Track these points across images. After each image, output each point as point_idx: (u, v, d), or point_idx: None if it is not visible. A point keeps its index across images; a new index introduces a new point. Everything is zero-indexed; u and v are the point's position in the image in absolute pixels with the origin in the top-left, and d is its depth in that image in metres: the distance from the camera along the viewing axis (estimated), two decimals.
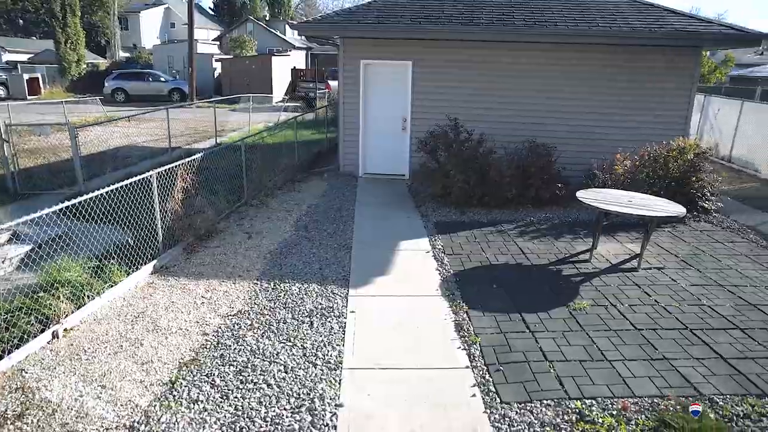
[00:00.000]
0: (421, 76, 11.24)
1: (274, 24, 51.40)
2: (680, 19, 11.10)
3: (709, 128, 17.01)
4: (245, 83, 31.70)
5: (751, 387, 4.68)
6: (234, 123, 20.61)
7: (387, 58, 11.26)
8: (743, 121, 15.08)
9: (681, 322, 5.72)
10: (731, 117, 15.64)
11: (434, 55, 11.14)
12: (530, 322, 5.60)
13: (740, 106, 15.36)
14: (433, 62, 11.18)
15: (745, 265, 7.44)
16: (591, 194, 7.41)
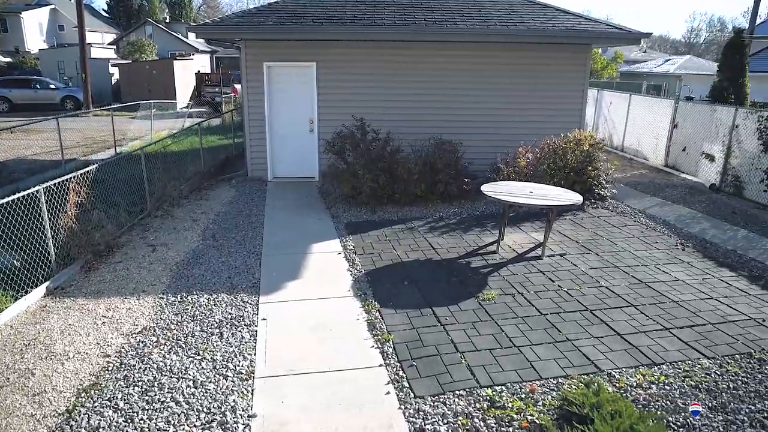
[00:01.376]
0: (326, 77, 11.20)
1: (175, 27, 49.50)
2: (571, 19, 11.72)
3: (603, 120, 18.10)
4: (146, 89, 30.29)
5: (643, 358, 5.01)
6: (135, 131, 19.64)
7: (290, 59, 11.12)
8: (632, 112, 16.18)
9: (582, 304, 6.04)
10: (622, 109, 16.73)
11: (338, 55, 11.12)
12: (441, 316, 5.71)
13: (629, 99, 16.45)
14: (337, 63, 11.16)
15: (637, 246, 7.97)
16: (495, 187, 7.66)
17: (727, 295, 6.44)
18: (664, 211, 9.94)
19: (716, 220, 9.60)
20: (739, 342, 5.40)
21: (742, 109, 11.82)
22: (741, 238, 8.68)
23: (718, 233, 8.84)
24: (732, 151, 11.76)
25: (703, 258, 7.67)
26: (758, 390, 4.66)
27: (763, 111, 11.31)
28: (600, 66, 39.33)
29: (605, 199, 10.01)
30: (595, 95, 18.54)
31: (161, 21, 53.92)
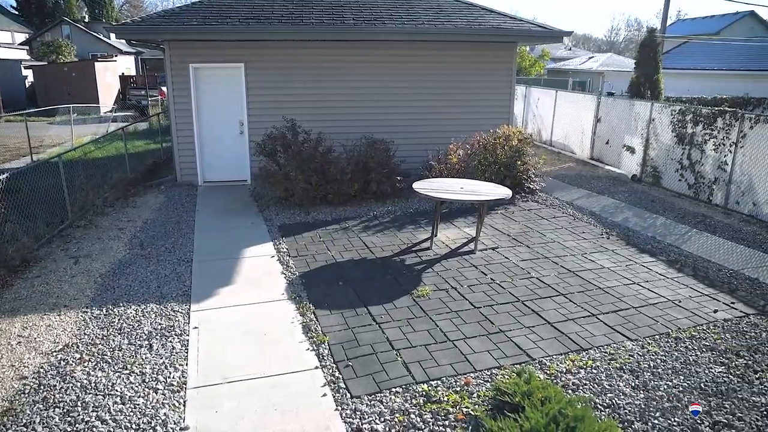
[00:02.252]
0: (256, 78, 11.00)
1: (96, 27, 47.30)
2: (497, 18, 12.01)
3: (532, 116, 18.65)
4: (65, 93, 28.82)
5: (572, 345, 5.20)
6: (54, 137, 18.68)
7: (217, 60, 10.86)
8: (558, 108, 16.76)
9: (514, 296, 6.19)
10: (549, 105, 17.29)
11: (267, 56, 10.96)
12: (376, 314, 5.71)
13: (555, 96, 17.03)
14: (266, 63, 10.99)
15: (565, 236, 8.26)
16: (427, 185, 7.74)
17: (648, 280, 6.78)
18: (590, 202, 10.35)
19: (637, 209, 10.09)
20: (659, 323, 5.69)
21: (657, 104, 12.46)
22: (660, 225, 9.16)
23: (639, 221, 9.29)
24: (650, 143, 12.37)
25: (626, 245, 8.04)
26: (674, 366, 4.92)
27: (675, 105, 11.97)
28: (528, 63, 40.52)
29: (535, 192, 10.32)
30: (524, 92, 19.09)
31: (80, 20, 51.31)
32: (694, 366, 4.97)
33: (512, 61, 12.16)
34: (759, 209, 9.74)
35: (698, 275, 7.04)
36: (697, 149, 11.00)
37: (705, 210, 10.28)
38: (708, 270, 7.26)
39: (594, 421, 3.68)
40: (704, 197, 10.88)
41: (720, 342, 5.40)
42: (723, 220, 9.69)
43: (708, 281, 6.86)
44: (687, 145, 11.25)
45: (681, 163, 11.43)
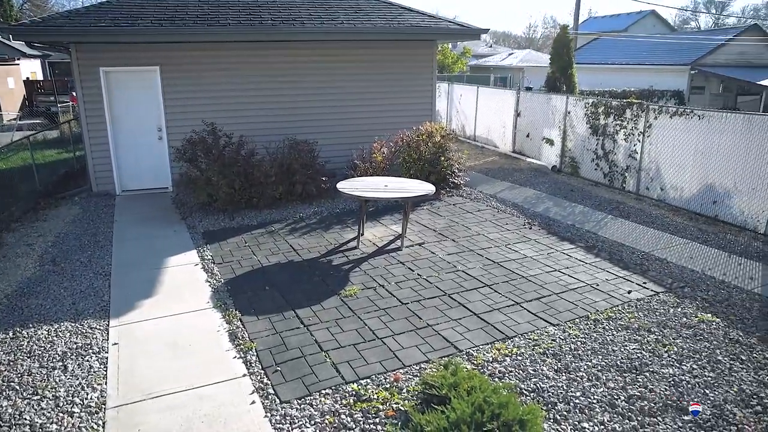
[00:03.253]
0: (172, 82, 10.63)
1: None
2: (416, 16, 12.15)
3: (455, 112, 19.03)
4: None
5: (497, 334, 5.33)
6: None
7: (131, 64, 10.40)
8: (480, 103, 17.17)
9: (441, 290, 6.29)
10: (471, 101, 17.69)
11: (183, 58, 10.61)
12: (304, 317, 5.65)
13: (476, 92, 17.45)
14: (183, 66, 10.64)
15: (490, 229, 8.47)
16: (351, 184, 7.74)
17: (568, 266, 7.06)
18: (513, 194, 10.68)
19: (558, 198, 10.49)
20: (579, 307, 5.93)
21: (572, 97, 13.00)
22: (578, 213, 9.56)
23: (559, 210, 9.67)
24: (567, 135, 12.90)
25: (548, 234, 8.34)
26: (593, 347, 5.15)
27: (588, 98, 12.53)
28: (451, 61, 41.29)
29: (459, 186, 10.53)
30: (447, 88, 19.44)
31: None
32: (611, 345, 5.21)
33: (432, 59, 12.35)
34: (666, 194, 10.36)
35: (614, 259, 7.40)
36: (610, 139, 11.57)
37: (619, 197, 10.82)
38: (622, 253, 7.64)
39: (518, 407, 3.78)
40: (618, 185, 11.45)
41: (634, 321, 5.69)
42: (635, 205, 10.24)
43: (622, 264, 7.23)
44: (601, 136, 11.80)
45: (596, 153, 11.98)
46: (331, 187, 9.67)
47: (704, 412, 4.28)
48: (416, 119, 11.49)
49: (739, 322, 5.76)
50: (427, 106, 12.30)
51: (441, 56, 39.65)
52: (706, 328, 5.61)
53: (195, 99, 10.69)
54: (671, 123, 10.15)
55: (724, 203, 9.28)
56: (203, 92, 10.76)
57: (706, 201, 9.59)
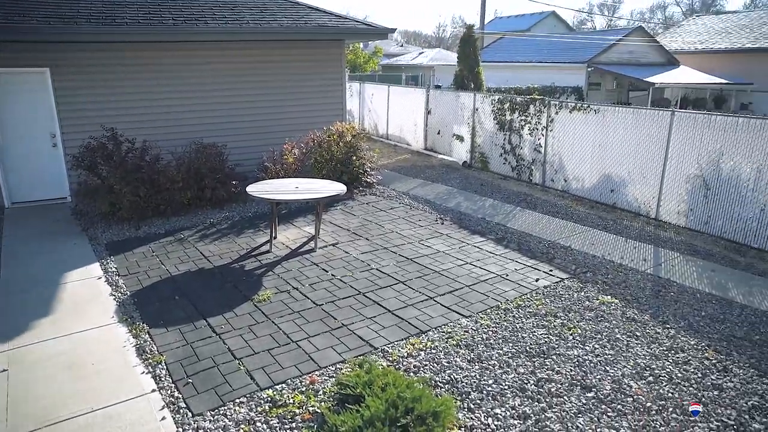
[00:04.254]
0: (66, 85, 9.97)
1: None
2: (322, 16, 12.10)
3: (368, 111, 19.14)
4: None
5: (412, 329, 5.41)
6: None
7: (15, 65, 9.65)
8: (392, 102, 17.36)
9: (355, 289, 6.29)
10: (383, 100, 17.85)
11: (78, 59, 9.97)
12: (216, 325, 5.48)
13: (387, 91, 17.62)
14: (78, 68, 10.00)
15: (403, 226, 8.58)
16: (261, 187, 7.59)
17: (479, 259, 7.28)
18: (426, 191, 10.88)
19: (468, 193, 10.79)
20: (490, 297, 6.13)
21: (480, 95, 13.42)
22: (488, 206, 9.89)
23: (470, 205, 9.95)
24: (476, 132, 13.30)
25: (459, 228, 8.56)
26: (504, 336, 5.34)
27: (494, 95, 12.97)
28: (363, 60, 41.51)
29: (372, 185, 10.60)
30: (359, 88, 19.51)
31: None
32: (520, 332, 5.42)
33: (341, 59, 12.35)
34: (569, 185, 10.92)
35: (522, 249, 7.71)
36: (516, 134, 12.03)
37: (527, 189, 11.29)
38: (530, 243, 7.97)
39: (431, 399, 3.85)
40: (525, 177, 11.94)
41: (541, 307, 5.95)
42: (541, 196, 10.72)
43: (530, 253, 7.54)
44: (507, 131, 12.26)
45: (504, 148, 12.43)
46: (242, 191, 9.43)
47: (604, 387, 4.55)
48: (327, 119, 11.46)
49: (634, 302, 6.17)
50: (338, 106, 12.28)
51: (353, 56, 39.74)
52: (606, 309, 5.97)
53: (93, 103, 10.09)
54: (571, 117, 10.70)
55: (620, 191, 9.90)
56: (102, 96, 10.18)
57: (605, 190, 10.19)
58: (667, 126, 8.93)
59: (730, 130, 8.19)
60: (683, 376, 4.77)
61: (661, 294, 6.42)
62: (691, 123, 8.71)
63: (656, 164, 9.16)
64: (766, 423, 4.22)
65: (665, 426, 4.12)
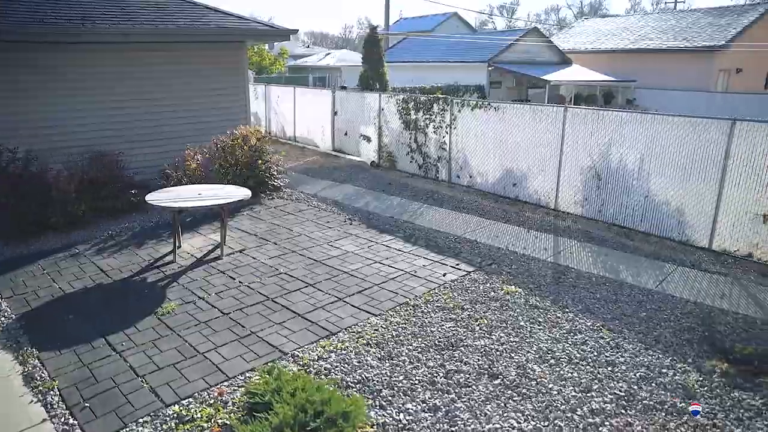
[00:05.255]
0: None
1: None
2: (222, 17, 11.77)
3: (274, 114, 18.82)
4: None
5: (322, 332, 5.38)
6: None
7: None
8: (298, 104, 17.17)
9: (264, 295, 6.17)
10: (289, 102, 17.62)
11: None
12: (117, 343, 5.19)
13: (293, 92, 17.43)
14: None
15: (311, 228, 8.52)
16: (161, 195, 7.27)
17: (388, 257, 7.35)
18: (334, 192, 10.86)
19: (377, 192, 10.89)
20: (399, 295, 6.21)
21: (385, 95, 13.56)
22: (396, 205, 10.02)
23: (378, 204, 10.04)
24: (382, 131, 13.43)
25: (368, 228, 8.61)
26: (414, 331, 5.43)
27: (399, 95, 13.17)
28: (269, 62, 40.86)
29: (280, 189, 10.45)
30: (264, 90, 19.16)
31: None
32: (429, 327, 5.53)
33: (243, 60, 12.08)
34: (474, 180, 11.28)
35: (430, 245, 7.87)
36: (422, 133, 12.27)
37: (434, 186, 11.54)
38: (438, 239, 8.16)
39: (341, 400, 3.84)
40: (432, 175, 12.21)
41: (449, 301, 6.10)
42: (448, 193, 11.00)
43: (438, 249, 7.72)
44: (413, 130, 12.47)
45: (410, 147, 12.63)
46: (142, 200, 9.01)
47: (510, 373, 4.73)
48: (232, 123, 11.14)
49: (536, 290, 6.46)
50: (242, 110, 11.99)
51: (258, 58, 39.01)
52: (510, 298, 6.21)
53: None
54: (473, 115, 11.05)
55: (522, 185, 10.34)
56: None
57: (508, 184, 10.61)
58: (561, 121, 9.43)
59: (616, 124, 8.77)
60: (581, 356, 5.05)
61: (560, 280, 6.76)
62: (582, 118, 9.24)
63: (553, 158, 9.65)
64: (650, 390, 4.56)
65: (566, 404, 4.35)
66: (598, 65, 28.02)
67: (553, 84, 24.23)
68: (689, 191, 7.98)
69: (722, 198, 7.65)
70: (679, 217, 8.14)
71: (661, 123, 8.21)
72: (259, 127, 11.51)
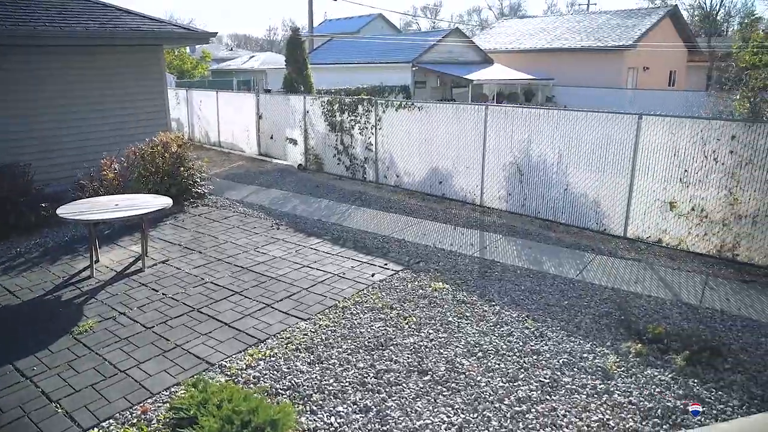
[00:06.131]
0: None
1: None
2: (136, 20, 11.33)
3: (197, 119, 18.31)
4: None
5: (250, 340, 5.28)
6: None
7: None
8: (221, 109, 16.77)
9: (189, 306, 5.98)
10: (212, 107, 17.18)
11: None
12: (26, 368, 4.87)
13: (216, 97, 17.01)
14: None
15: (237, 235, 8.34)
16: (75, 207, 6.91)
17: (316, 260, 7.30)
18: (260, 197, 10.69)
19: (304, 196, 10.80)
20: (328, 297, 6.18)
21: (309, 97, 13.47)
22: (324, 207, 9.97)
23: (306, 207, 9.96)
24: (308, 134, 13.33)
25: (296, 232, 8.53)
26: (343, 333, 5.42)
27: (324, 97, 13.11)
28: (191, 66, 39.75)
29: (204, 196, 10.18)
30: (186, 95, 18.60)
31: None
32: (358, 328, 5.53)
33: (161, 64, 11.70)
34: (401, 180, 11.40)
35: (358, 246, 7.88)
36: (348, 134, 12.27)
37: (361, 187, 11.57)
38: (366, 240, 8.18)
39: (269, 408, 3.78)
40: (360, 176, 12.23)
41: (378, 301, 6.13)
42: (376, 193, 11.05)
43: (366, 250, 7.74)
44: (339, 132, 12.45)
45: (337, 149, 12.61)
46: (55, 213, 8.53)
47: (439, 369, 4.81)
48: (151, 130, 10.75)
49: (464, 285, 6.60)
50: (161, 116, 11.60)
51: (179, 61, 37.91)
52: (438, 295, 6.31)
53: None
54: (398, 115, 11.16)
55: (448, 183, 10.54)
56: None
57: (434, 182, 10.78)
58: (483, 119, 9.68)
59: (534, 121, 9.09)
60: (507, 347, 5.20)
61: (486, 274, 6.94)
62: (502, 116, 9.53)
63: (477, 155, 9.88)
64: (572, 375, 4.75)
65: (494, 395, 4.46)
66: (519, 64, 29.02)
67: (475, 83, 24.86)
68: (604, 183, 8.39)
69: (634, 188, 8.08)
70: (597, 208, 8.54)
71: (576, 119, 8.58)
72: (181, 133, 11.14)
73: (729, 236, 7.34)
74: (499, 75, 26.73)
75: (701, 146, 7.39)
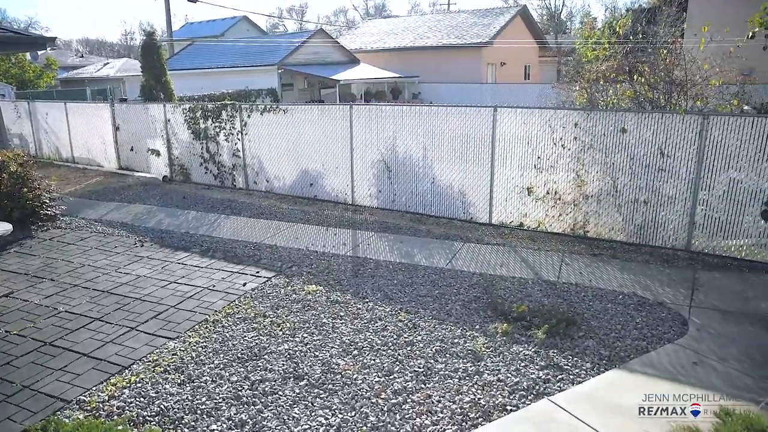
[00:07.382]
0: None
1: None
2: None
3: (45, 134, 16.75)
4: None
5: (113, 368, 4.93)
6: None
7: None
8: (72, 121, 15.45)
9: (40, 341, 5.46)
10: (61, 120, 15.76)
11: None
12: None
13: (65, 108, 15.65)
14: None
15: (96, 257, 7.75)
16: None
17: (184, 275, 6.98)
18: (121, 214, 10.01)
19: (170, 209, 10.28)
20: (197, 313, 5.94)
21: (170, 105, 12.83)
22: (192, 219, 9.57)
23: (172, 221, 9.49)
24: (172, 144, 12.70)
25: (162, 248, 8.10)
26: (214, 348, 5.22)
27: (185, 104, 12.56)
28: (33, 75, 36.26)
29: (55, 218, 9.34)
30: (28, 107, 16.91)
31: None
32: (231, 341, 5.37)
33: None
34: (272, 185, 11.22)
35: (228, 256, 7.65)
36: (213, 142, 11.85)
37: (231, 195, 11.24)
38: (236, 249, 7.96)
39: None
40: (229, 184, 11.87)
41: (250, 310, 5.99)
42: (246, 200, 10.79)
43: (237, 259, 7.53)
44: (204, 140, 11.98)
45: (203, 157, 12.14)
46: None
47: (315, 372, 4.79)
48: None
49: (337, 285, 6.63)
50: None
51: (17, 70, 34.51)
52: (312, 298, 6.29)
53: None
54: (263, 119, 10.96)
55: (318, 184, 10.53)
56: None
57: (305, 185, 10.73)
58: (349, 119, 9.77)
59: (399, 118, 9.33)
60: (382, 341, 5.30)
61: (360, 273, 7.02)
62: (367, 114, 9.68)
63: (345, 154, 9.96)
64: (445, 361, 4.95)
65: (370, 390, 4.52)
66: (385, 63, 29.69)
67: (343, 83, 25.08)
68: (468, 174, 8.81)
69: (495, 177, 8.57)
70: (463, 198, 8.95)
71: (437, 114, 8.94)
72: (23, 150, 10.11)
73: (580, 215, 8.03)
74: (365, 74, 27.16)
75: (550, 134, 8.00)
